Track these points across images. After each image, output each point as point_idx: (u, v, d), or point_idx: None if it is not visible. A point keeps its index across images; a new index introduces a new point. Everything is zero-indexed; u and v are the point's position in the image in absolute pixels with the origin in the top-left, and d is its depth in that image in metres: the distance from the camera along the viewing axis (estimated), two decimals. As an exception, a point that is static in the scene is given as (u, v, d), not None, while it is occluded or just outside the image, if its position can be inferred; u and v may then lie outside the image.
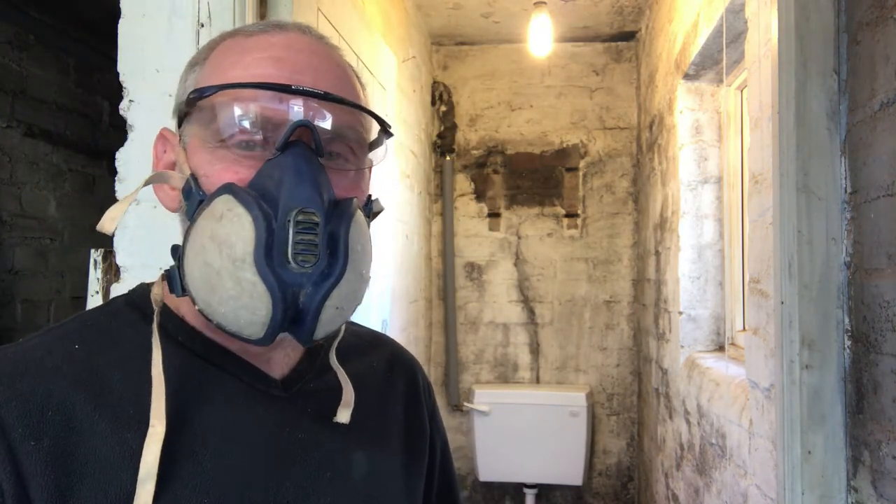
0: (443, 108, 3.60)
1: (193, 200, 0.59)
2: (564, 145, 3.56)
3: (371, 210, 0.67)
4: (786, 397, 1.05)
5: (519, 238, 3.56)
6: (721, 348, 2.31)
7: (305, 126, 0.58)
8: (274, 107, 0.59)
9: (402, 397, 0.78)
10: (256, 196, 0.56)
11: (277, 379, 0.65)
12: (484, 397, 3.32)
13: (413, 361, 0.84)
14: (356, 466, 0.66)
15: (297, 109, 0.58)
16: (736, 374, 1.79)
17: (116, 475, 0.53)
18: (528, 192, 3.56)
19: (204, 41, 1.02)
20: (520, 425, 3.27)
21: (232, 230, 0.54)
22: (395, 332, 2.60)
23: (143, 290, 0.66)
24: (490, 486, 3.52)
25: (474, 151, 3.60)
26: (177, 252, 0.59)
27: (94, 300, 1.27)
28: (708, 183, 2.37)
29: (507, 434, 3.28)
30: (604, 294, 3.51)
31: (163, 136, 0.67)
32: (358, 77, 0.68)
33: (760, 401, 1.44)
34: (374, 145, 0.67)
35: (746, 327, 1.74)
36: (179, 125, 0.63)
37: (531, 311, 3.54)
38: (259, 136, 0.59)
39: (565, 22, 3.27)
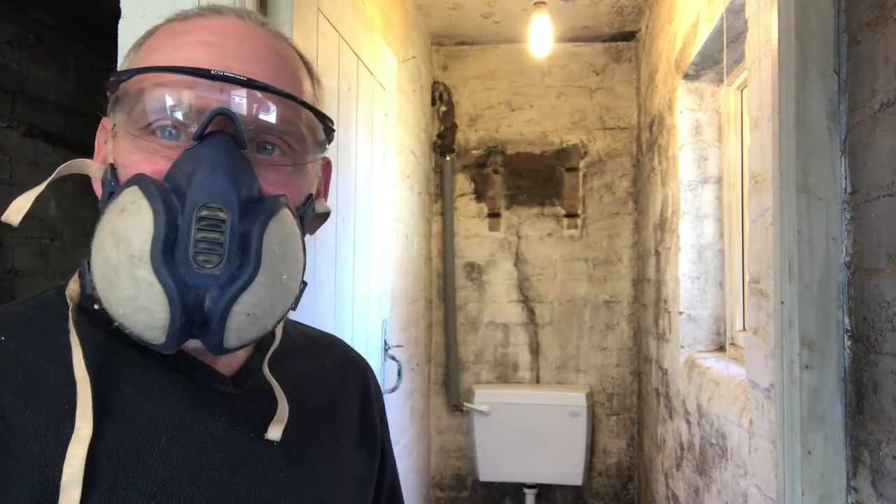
0: (443, 108, 3.59)
1: (105, 192, 0.56)
2: (564, 145, 3.56)
3: (309, 211, 0.62)
4: (786, 397, 1.05)
5: (519, 238, 3.56)
6: (721, 348, 2.31)
7: (226, 115, 0.54)
8: (195, 93, 0.55)
9: (356, 397, 0.75)
10: (167, 189, 0.52)
11: (227, 376, 0.62)
12: (484, 397, 3.32)
13: (364, 363, 0.81)
14: (309, 467, 0.64)
15: (219, 97, 0.55)
16: (736, 374, 1.79)
17: (51, 473, 0.49)
18: (528, 192, 3.56)
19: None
20: (520, 425, 3.27)
21: (131, 224, 0.51)
22: (395, 332, 2.60)
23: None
24: (490, 486, 3.52)
25: (474, 151, 3.60)
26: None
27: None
28: (708, 183, 2.37)
29: (507, 434, 3.28)
30: (604, 294, 3.51)
31: (103, 127, 0.62)
32: (308, 68, 0.64)
33: (760, 401, 1.44)
34: (325, 142, 0.62)
35: (746, 327, 1.74)
36: None
37: (531, 311, 3.54)
38: (180, 125, 0.55)
39: (565, 22, 3.27)
